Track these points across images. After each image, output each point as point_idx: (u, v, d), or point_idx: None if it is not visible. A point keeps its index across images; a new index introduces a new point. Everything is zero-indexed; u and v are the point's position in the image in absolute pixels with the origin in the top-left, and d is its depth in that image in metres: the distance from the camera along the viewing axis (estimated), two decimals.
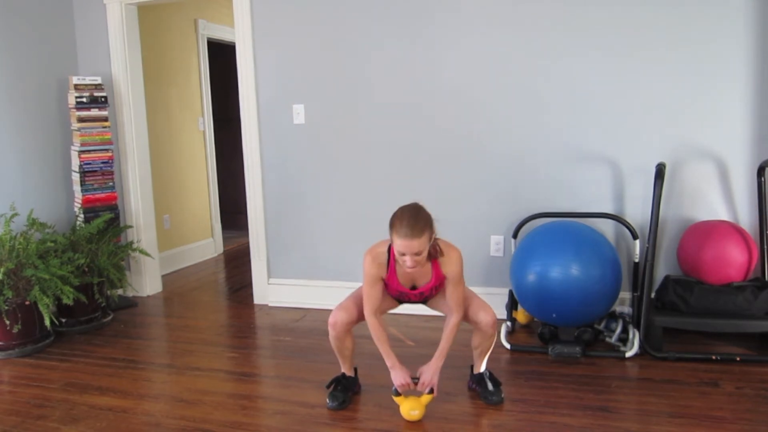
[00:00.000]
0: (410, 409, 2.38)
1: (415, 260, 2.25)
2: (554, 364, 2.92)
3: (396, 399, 2.43)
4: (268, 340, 3.48)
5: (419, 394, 2.43)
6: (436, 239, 2.35)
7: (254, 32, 3.78)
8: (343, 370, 2.63)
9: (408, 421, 2.41)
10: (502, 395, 2.54)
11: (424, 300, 2.56)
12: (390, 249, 2.36)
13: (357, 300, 2.52)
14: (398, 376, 2.39)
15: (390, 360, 2.42)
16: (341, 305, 2.51)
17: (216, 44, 5.60)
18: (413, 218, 2.22)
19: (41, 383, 2.91)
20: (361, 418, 2.47)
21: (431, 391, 2.41)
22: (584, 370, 2.84)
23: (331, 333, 2.50)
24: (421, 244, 2.21)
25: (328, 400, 2.54)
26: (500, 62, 3.40)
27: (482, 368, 2.62)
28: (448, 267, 2.37)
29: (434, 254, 2.36)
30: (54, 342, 3.44)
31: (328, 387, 2.60)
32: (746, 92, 3.11)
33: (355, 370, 2.68)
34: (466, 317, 2.48)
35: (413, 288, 2.47)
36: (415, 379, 2.43)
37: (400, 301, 2.61)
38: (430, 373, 2.40)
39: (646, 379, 2.73)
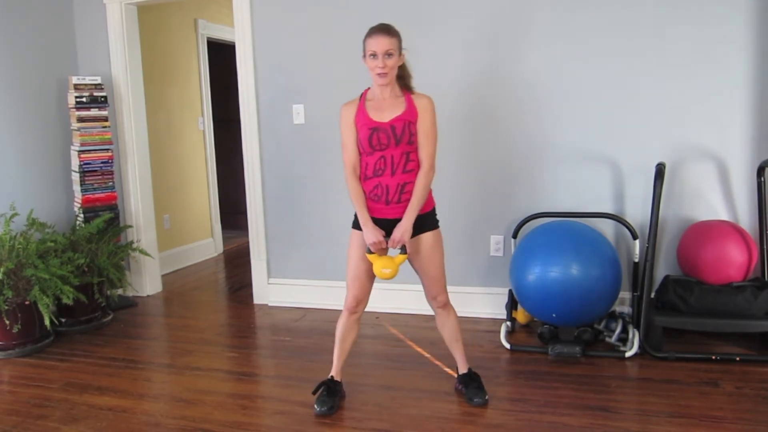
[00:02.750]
0: (382, 266, 2.35)
1: (385, 63, 2.30)
2: (554, 364, 2.92)
3: (369, 257, 2.40)
4: (268, 340, 3.48)
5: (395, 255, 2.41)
6: (409, 75, 2.46)
7: (254, 32, 3.78)
8: (332, 373, 2.61)
9: (408, 419, 2.41)
10: (486, 397, 2.52)
11: (397, 137, 2.35)
12: (362, 95, 2.45)
13: (355, 277, 2.50)
14: (370, 234, 2.37)
15: (363, 217, 2.40)
16: (351, 289, 2.51)
17: (216, 44, 5.60)
18: (386, 24, 2.39)
19: (41, 383, 2.91)
20: (361, 418, 2.47)
21: (404, 251, 2.39)
22: (584, 370, 2.84)
23: (346, 318, 2.53)
24: (392, 43, 2.31)
25: (316, 406, 2.50)
26: (501, 62, 3.40)
27: (465, 369, 2.62)
28: (421, 101, 2.41)
29: (407, 83, 2.45)
30: (54, 342, 3.44)
31: (314, 392, 2.57)
32: (746, 92, 3.11)
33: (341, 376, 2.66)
34: (423, 283, 2.53)
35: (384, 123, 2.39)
36: (388, 238, 2.40)
37: (377, 219, 2.43)
38: (400, 230, 2.36)
39: (646, 379, 2.73)
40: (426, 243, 2.47)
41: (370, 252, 2.40)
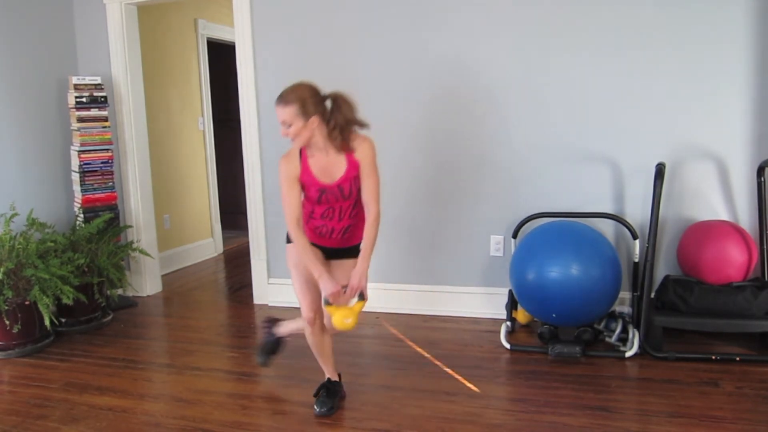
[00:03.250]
0: (343, 317, 2.31)
1: (287, 132, 2.29)
2: (554, 363, 2.92)
3: (327, 309, 2.36)
4: None
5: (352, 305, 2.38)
6: (350, 132, 2.34)
7: (254, 32, 3.78)
8: (327, 376, 2.61)
9: (408, 419, 2.41)
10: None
11: (345, 196, 2.38)
12: (301, 148, 2.39)
13: (304, 285, 2.45)
14: (327, 285, 2.31)
15: (317, 270, 2.32)
16: (303, 303, 2.46)
17: (216, 44, 5.60)
18: (287, 89, 2.31)
19: (41, 383, 2.91)
20: (361, 418, 2.47)
21: (362, 297, 2.37)
22: (584, 370, 2.84)
23: (310, 332, 2.49)
24: (287, 112, 2.27)
25: (315, 407, 2.50)
26: (501, 62, 3.40)
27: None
28: (360, 152, 2.35)
29: (346, 143, 2.34)
30: (54, 342, 3.44)
31: (315, 395, 2.58)
32: (746, 92, 3.11)
33: (339, 375, 2.66)
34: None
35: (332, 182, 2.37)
36: (345, 288, 2.37)
37: (319, 246, 2.45)
38: (357, 277, 2.35)
39: (646, 379, 2.73)
40: (347, 267, 2.43)
41: (327, 303, 2.35)
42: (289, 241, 2.47)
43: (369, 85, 3.63)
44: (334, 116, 2.31)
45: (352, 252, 2.44)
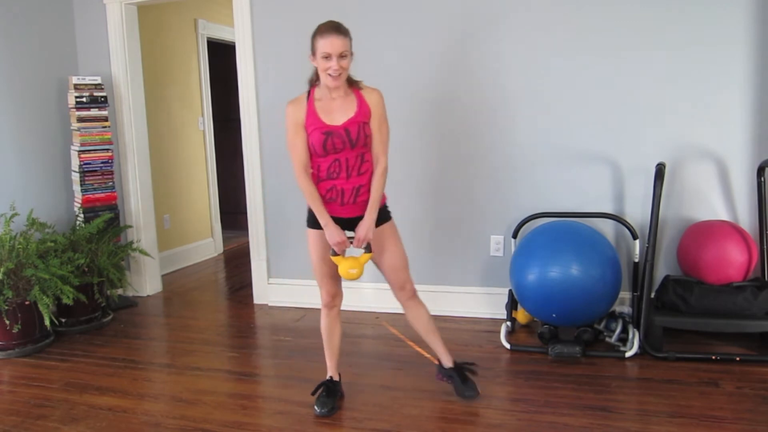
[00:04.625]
0: (349, 267, 2.31)
1: (340, 64, 2.24)
2: (554, 364, 2.92)
3: (334, 259, 2.36)
4: (268, 340, 3.48)
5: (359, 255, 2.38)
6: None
7: (254, 32, 3.78)
8: (329, 373, 2.61)
9: (408, 419, 2.41)
10: (477, 389, 2.53)
11: (352, 141, 2.31)
12: (309, 93, 2.37)
13: (323, 274, 2.46)
14: (333, 234, 2.31)
15: (324, 218, 2.33)
16: (322, 287, 2.48)
17: (216, 44, 5.60)
18: (336, 22, 2.29)
19: (41, 383, 2.91)
20: (361, 418, 2.47)
21: (368, 250, 2.37)
22: (584, 370, 2.84)
23: (326, 315, 2.51)
24: (345, 44, 2.25)
25: (316, 407, 2.50)
26: (500, 63, 3.40)
27: (449, 362, 2.59)
28: (372, 97, 2.36)
29: (354, 81, 2.37)
30: (54, 342, 3.44)
31: (313, 393, 2.57)
32: (746, 92, 3.11)
33: (339, 375, 2.65)
34: (385, 276, 2.48)
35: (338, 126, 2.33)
36: (351, 238, 2.37)
37: (332, 218, 2.37)
38: (364, 228, 2.33)
39: (646, 379, 2.73)
40: (384, 234, 2.44)
41: (334, 254, 2.35)
42: (308, 225, 2.44)
43: (370, 84, 3.62)
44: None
45: (378, 217, 2.41)
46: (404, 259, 2.50)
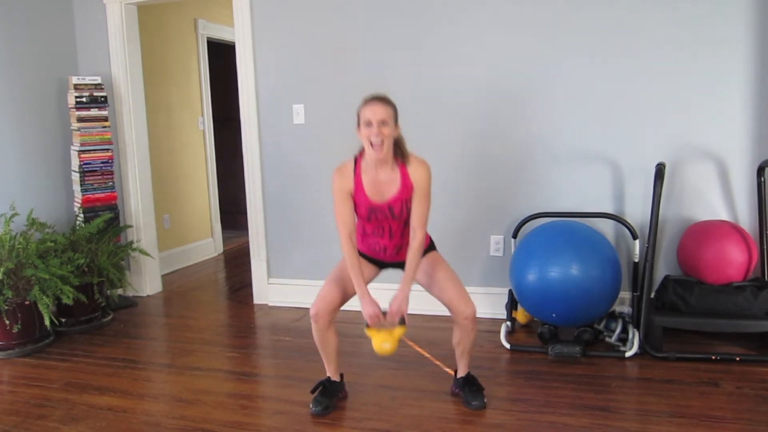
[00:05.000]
0: (382, 341, 2.31)
1: (381, 131, 2.22)
2: (554, 364, 2.92)
3: (368, 332, 2.36)
4: (268, 340, 3.48)
5: (392, 328, 2.36)
6: (404, 143, 2.36)
7: (254, 32, 3.78)
8: (328, 374, 2.60)
9: (408, 419, 2.41)
10: (484, 400, 2.50)
11: (395, 216, 2.36)
12: (356, 160, 2.35)
13: (334, 280, 2.45)
14: (368, 307, 2.33)
15: (360, 290, 2.35)
16: (319, 295, 2.44)
17: (216, 44, 5.60)
18: (381, 94, 2.31)
19: (41, 383, 2.91)
20: (361, 418, 2.47)
21: (402, 323, 2.35)
22: (584, 370, 2.84)
23: (314, 327, 2.45)
24: (387, 111, 2.25)
25: (311, 405, 2.50)
26: (500, 63, 3.40)
27: (464, 372, 2.57)
28: (417, 173, 2.32)
29: (402, 154, 2.33)
30: (54, 342, 3.44)
31: (312, 392, 2.56)
32: (746, 92, 3.11)
33: (341, 375, 2.64)
34: (444, 303, 2.42)
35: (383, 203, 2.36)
36: (386, 312, 2.37)
37: (375, 259, 2.50)
38: (398, 302, 2.33)
39: (646, 379, 2.73)
40: (432, 262, 2.46)
41: (368, 326, 2.36)
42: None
43: (369, 85, 3.62)
44: (399, 132, 2.33)
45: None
46: (458, 281, 2.44)
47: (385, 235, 2.42)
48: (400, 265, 2.46)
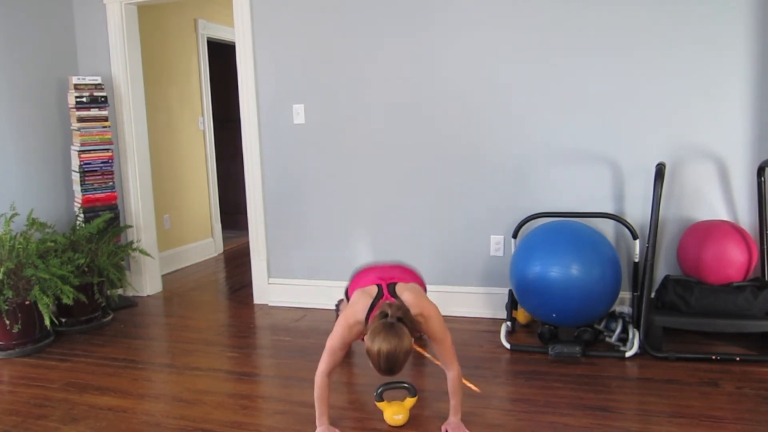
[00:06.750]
0: (393, 413, 2.38)
1: None
2: (554, 364, 2.92)
3: (379, 405, 2.43)
4: (268, 340, 3.48)
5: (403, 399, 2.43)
6: (411, 318, 2.17)
7: (254, 32, 3.78)
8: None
9: (408, 421, 2.41)
10: None
11: None
12: (369, 312, 2.24)
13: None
14: None
15: (319, 420, 2.30)
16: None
17: (216, 44, 5.60)
18: (392, 362, 2.01)
19: (41, 383, 2.91)
20: (361, 418, 2.47)
21: (413, 394, 2.41)
22: (584, 370, 2.84)
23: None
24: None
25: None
26: (500, 63, 3.40)
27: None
28: (428, 329, 2.27)
29: (416, 331, 2.21)
30: (54, 342, 3.44)
31: None
32: (746, 92, 3.11)
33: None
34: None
35: None
36: (401, 383, 2.43)
37: None
38: (453, 427, 2.30)
39: (646, 379, 2.73)
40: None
41: (380, 399, 2.41)
42: (345, 296, 2.43)
43: (370, 85, 3.63)
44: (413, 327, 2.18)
45: None
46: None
47: None
48: None
